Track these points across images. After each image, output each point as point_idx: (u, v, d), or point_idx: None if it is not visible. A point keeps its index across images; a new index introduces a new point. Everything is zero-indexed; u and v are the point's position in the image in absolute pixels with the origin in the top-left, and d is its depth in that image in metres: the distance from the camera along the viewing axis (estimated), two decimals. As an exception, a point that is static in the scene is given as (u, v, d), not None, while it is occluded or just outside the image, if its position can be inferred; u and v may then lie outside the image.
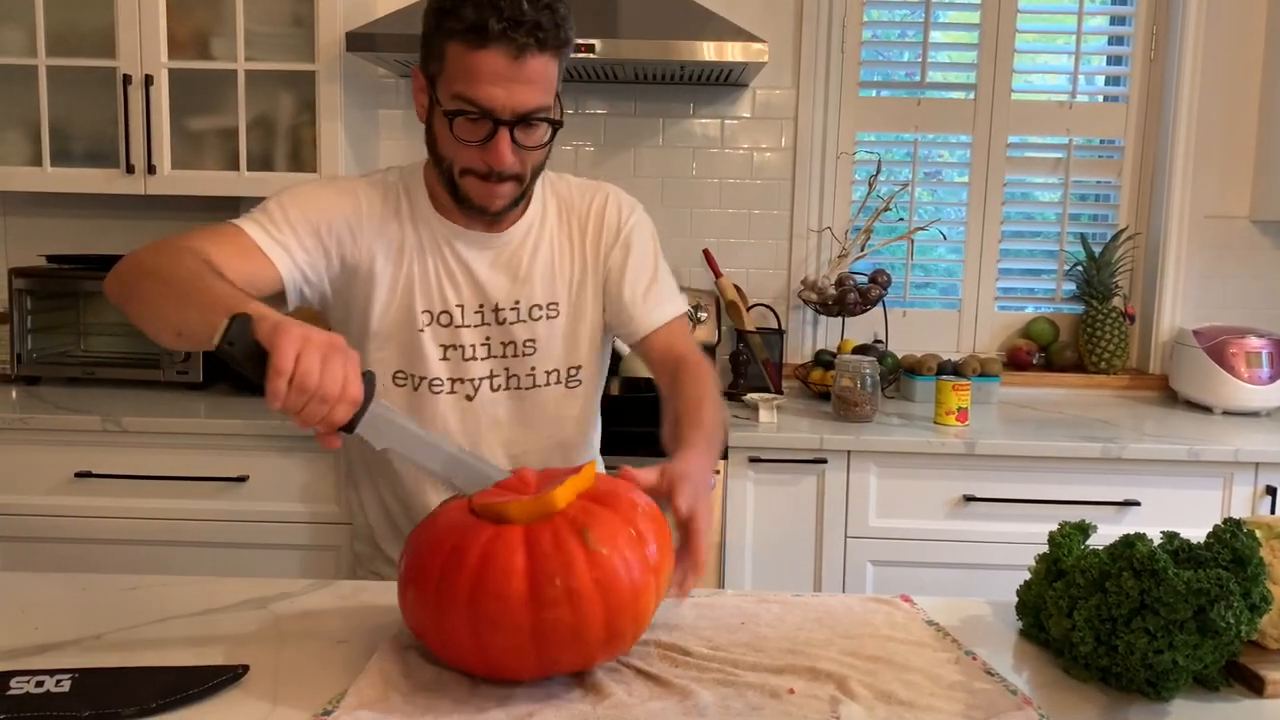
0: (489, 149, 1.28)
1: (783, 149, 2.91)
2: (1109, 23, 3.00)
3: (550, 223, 1.47)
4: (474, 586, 0.94)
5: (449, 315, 1.42)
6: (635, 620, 0.98)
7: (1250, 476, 2.30)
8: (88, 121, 2.60)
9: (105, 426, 2.28)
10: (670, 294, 1.51)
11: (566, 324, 1.47)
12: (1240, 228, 2.91)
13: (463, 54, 1.25)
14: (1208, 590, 0.97)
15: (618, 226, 1.49)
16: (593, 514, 0.98)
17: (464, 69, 1.25)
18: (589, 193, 1.51)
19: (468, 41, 1.24)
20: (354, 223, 1.38)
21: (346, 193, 1.40)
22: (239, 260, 1.25)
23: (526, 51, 1.24)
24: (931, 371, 2.69)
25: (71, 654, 1.06)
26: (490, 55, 1.23)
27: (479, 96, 1.25)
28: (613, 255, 1.48)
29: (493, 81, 1.24)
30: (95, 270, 2.64)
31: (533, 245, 1.45)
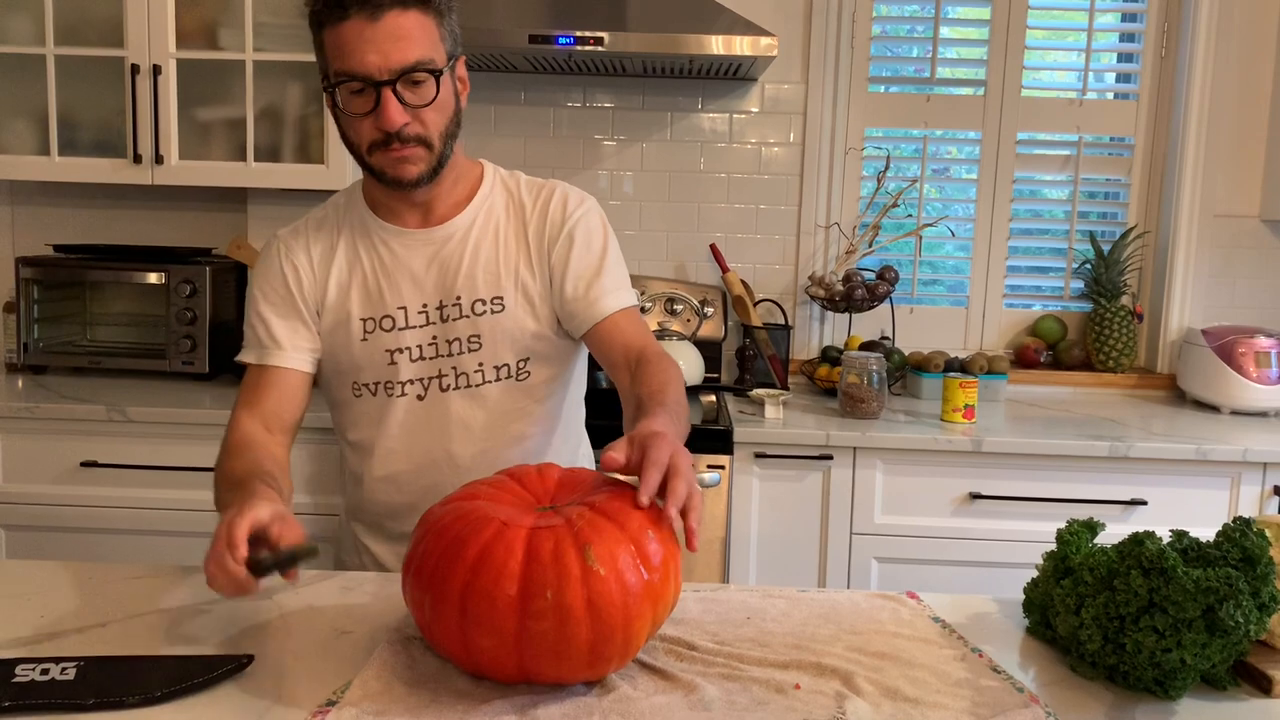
0: (378, 114, 1.29)
1: (791, 144, 2.90)
2: (1120, 20, 2.99)
3: (496, 216, 1.47)
4: (467, 582, 0.93)
5: (390, 319, 1.43)
6: (623, 645, 0.95)
7: (1258, 476, 2.29)
8: (95, 111, 2.60)
9: (111, 416, 2.28)
10: (616, 285, 1.47)
11: (512, 317, 1.44)
12: (1250, 227, 2.90)
13: (332, 33, 1.28)
14: (1217, 589, 0.96)
15: (562, 220, 1.46)
16: (599, 530, 0.95)
17: (335, 46, 1.28)
18: (537, 188, 1.50)
19: (331, 20, 1.28)
20: (299, 275, 1.44)
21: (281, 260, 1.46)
22: (270, 394, 1.43)
23: (382, 10, 1.26)
24: (938, 369, 2.68)
25: (76, 642, 1.06)
26: (351, 24, 1.26)
27: (350, 66, 1.27)
28: (556, 248, 1.46)
29: (359, 46, 1.26)
30: (102, 260, 2.64)
31: (475, 239, 1.44)
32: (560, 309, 1.46)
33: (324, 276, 1.45)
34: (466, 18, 2.44)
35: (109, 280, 2.67)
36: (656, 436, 1.06)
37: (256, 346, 1.44)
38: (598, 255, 1.47)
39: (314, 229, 1.47)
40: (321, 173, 2.56)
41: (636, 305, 1.49)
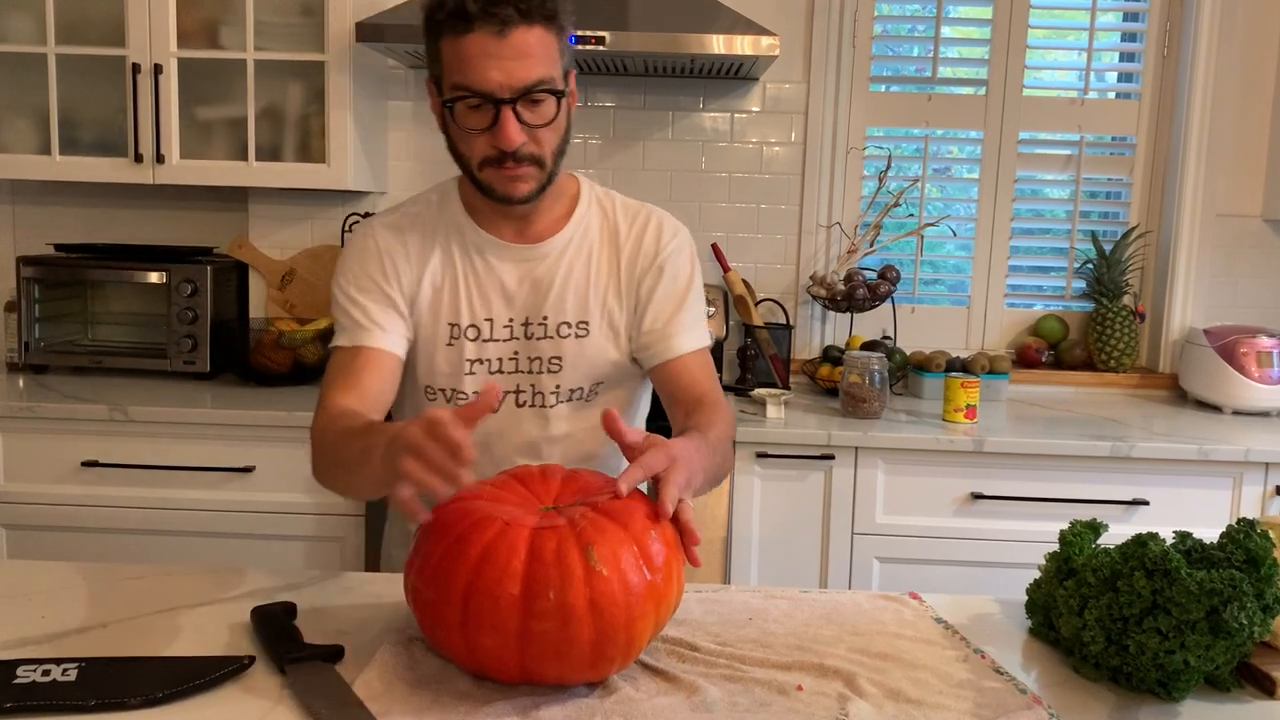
0: (496, 132, 1.26)
1: (792, 143, 2.90)
2: (1122, 19, 2.98)
3: (591, 239, 1.44)
4: (470, 582, 0.93)
5: (476, 329, 1.40)
6: (626, 646, 0.95)
7: (1260, 477, 2.28)
8: (96, 110, 2.60)
9: (112, 416, 2.28)
10: (693, 325, 1.46)
11: (595, 344, 1.43)
12: (1252, 226, 2.89)
13: (452, 45, 1.25)
14: (1221, 591, 0.96)
15: (655, 251, 1.45)
16: (602, 530, 0.96)
17: (456, 58, 1.25)
18: (633, 213, 1.47)
19: (454, 31, 1.24)
20: (397, 268, 1.40)
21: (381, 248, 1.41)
22: (368, 379, 1.35)
23: (510, 25, 1.23)
24: (940, 368, 2.68)
25: (77, 643, 1.06)
26: (475, 37, 1.23)
27: (472, 80, 1.24)
28: (646, 280, 1.44)
29: (482, 62, 1.23)
30: (103, 259, 2.64)
31: (569, 261, 1.42)
32: (635, 339, 1.45)
33: (419, 273, 1.41)
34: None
35: (110, 279, 2.67)
36: (665, 446, 1.08)
37: (351, 329, 1.38)
38: (682, 290, 1.45)
39: (409, 224, 1.43)
40: (323, 172, 2.56)
41: (709, 345, 1.48)
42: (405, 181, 2.89)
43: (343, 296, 1.40)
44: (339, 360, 1.38)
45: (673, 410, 1.43)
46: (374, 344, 1.37)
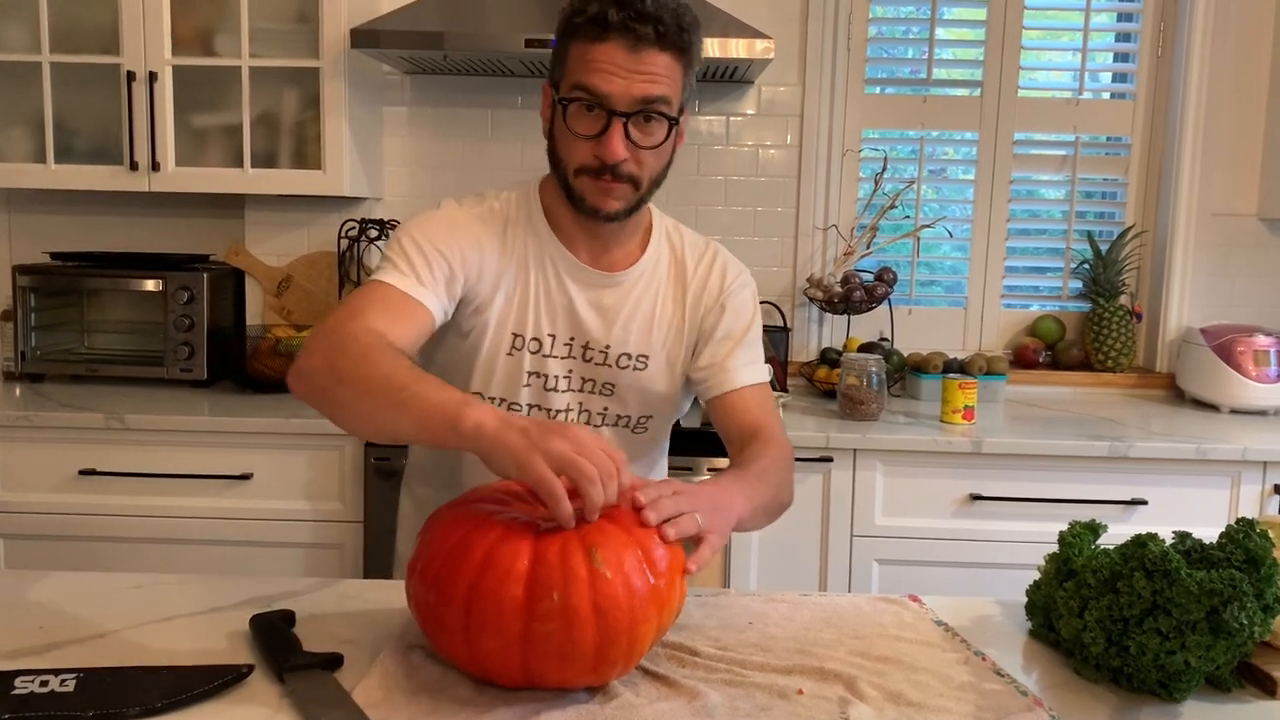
0: (602, 142, 1.26)
1: (788, 146, 2.90)
2: (1116, 19, 2.99)
3: (660, 274, 1.44)
4: (473, 584, 0.93)
5: (539, 342, 1.38)
6: (629, 648, 0.95)
7: (1258, 475, 2.28)
8: (91, 118, 2.59)
9: (109, 424, 2.28)
10: (752, 360, 1.46)
11: (651, 379, 1.43)
12: (1248, 225, 2.90)
13: (583, 49, 1.25)
14: (1221, 591, 0.96)
15: (720, 290, 1.45)
16: (605, 534, 0.96)
17: (583, 61, 1.25)
18: (699, 252, 1.48)
19: (588, 34, 1.24)
20: (480, 260, 1.35)
21: (470, 229, 1.36)
22: (404, 324, 1.25)
23: (645, 43, 1.23)
24: (937, 370, 2.68)
25: (76, 653, 1.06)
26: (608, 46, 1.24)
27: (594, 83, 1.24)
28: (708, 318, 1.45)
29: (609, 70, 1.24)
30: (99, 267, 2.64)
31: (639, 294, 1.42)
32: (693, 372, 1.45)
33: (497, 274, 1.36)
34: (462, 21, 2.45)
35: (106, 288, 2.67)
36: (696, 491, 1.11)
37: (409, 275, 1.28)
38: (743, 327, 1.46)
39: (495, 221, 1.39)
40: (319, 178, 2.55)
41: (767, 380, 1.48)
42: (401, 187, 2.89)
43: (413, 242, 1.31)
44: (383, 294, 1.27)
45: (729, 443, 1.42)
46: (427, 303, 1.28)
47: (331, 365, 1.14)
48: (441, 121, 2.89)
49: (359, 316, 1.21)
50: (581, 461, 0.97)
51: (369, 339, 1.16)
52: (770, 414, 1.44)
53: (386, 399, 1.08)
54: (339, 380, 1.13)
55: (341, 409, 1.14)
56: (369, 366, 1.12)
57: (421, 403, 1.06)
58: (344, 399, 1.12)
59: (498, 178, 2.87)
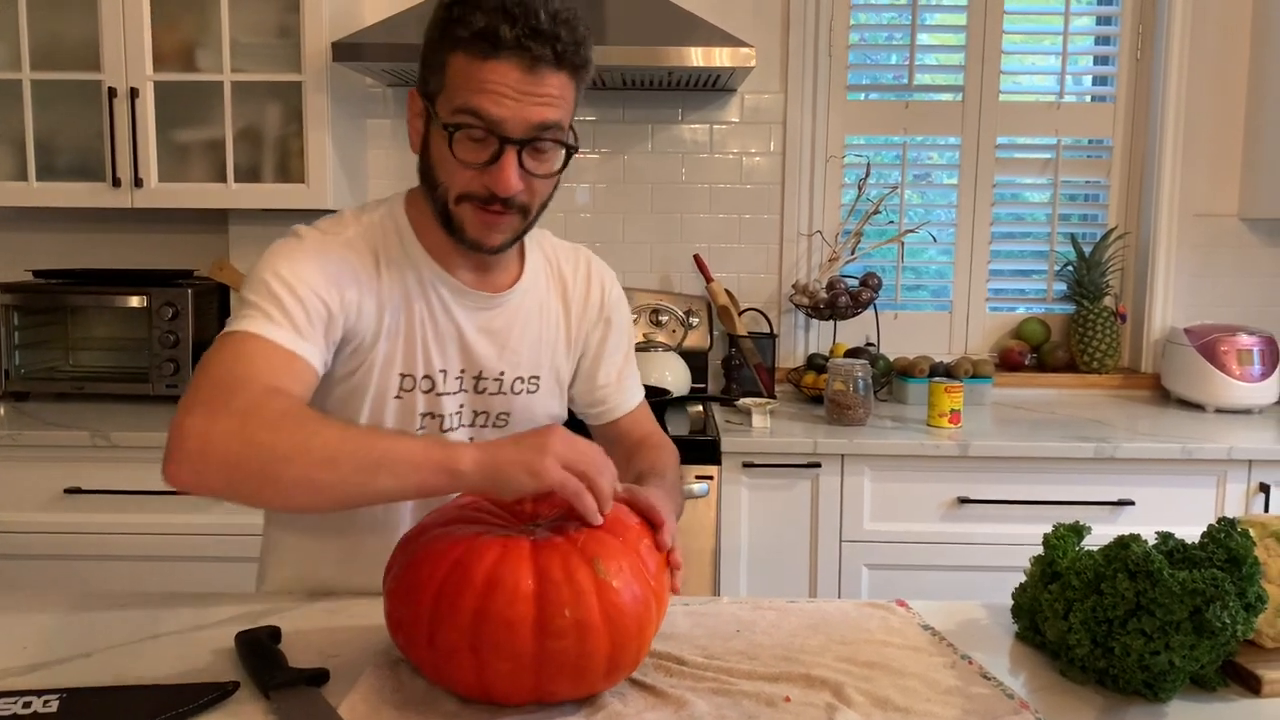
0: (492, 171, 1.14)
1: (772, 153, 2.91)
2: (1095, 23, 3.01)
3: (541, 288, 1.36)
4: (478, 608, 0.91)
5: (430, 380, 1.27)
6: (637, 652, 0.97)
7: (1243, 474, 2.29)
8: (73, 135, 2.59)
9: (94, 442, 2.27)
10: (638, 379, 1.48)
11: (542, 399, 1.36)
12: (1229, 225, 2.92)
13: (469, 64, 1.12)
14: (1203, 590, 0.96)
15: (601, 302, 1.41)
16: (601, 542, 0.97)
17: (469, 80, 1.12)
18: (573, 260, 1.40)
19: (476, 50, 1.11)
20: (357, 295, 1.21)
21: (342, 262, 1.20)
22: (291, 384, 1.10)
23: (542, 64, 1.12)
24: (924, 374, 2.69)
25: (60, 673, 1.05)
26: (501, 66, 1.11)
27: (485, 108, 1.11)
28: (593, 333, 1.41)
29: (502, 93, 1.11)
30: (83, 284, 2.63)
31: (526, 312, 1.33)
32: (587, 394, 1.42)
33: (365, 304, 1.22)
34: (444, 34, 2.45)
35: (90, 305, 2.65)
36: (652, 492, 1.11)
37: (291, 330, 1.12)
38: (627, 343, 1.44)
39: (357, 245, 1.23)
40: (302, 192, 2.55)
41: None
42: (386, 199, 2.88)
43: (281, 282, 1.14)
44: (259, 350, 1.10)
45: (613, 451, 1.38)
46: (309, 357, 1.14)
47: (254, 442, 0.98)
48: (425, 133, 2.89)
49: (245, 380, 1.05)
50: (585, 459, 0.99)
51: (281, 402, 1.03)
52: (652, 419, 1.47)
53: (354, 464, 0.98)
54: (277, 457, 0.98)
55: (289, 487, 0.99)
56: (308, 434, 1.00)
57: (402, 458, 0.99)
58: (292, 476, 0.98)
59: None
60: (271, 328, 1.11)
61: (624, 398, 1.44)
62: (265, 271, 1.15)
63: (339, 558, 1.33)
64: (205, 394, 1.03)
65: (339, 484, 0.99)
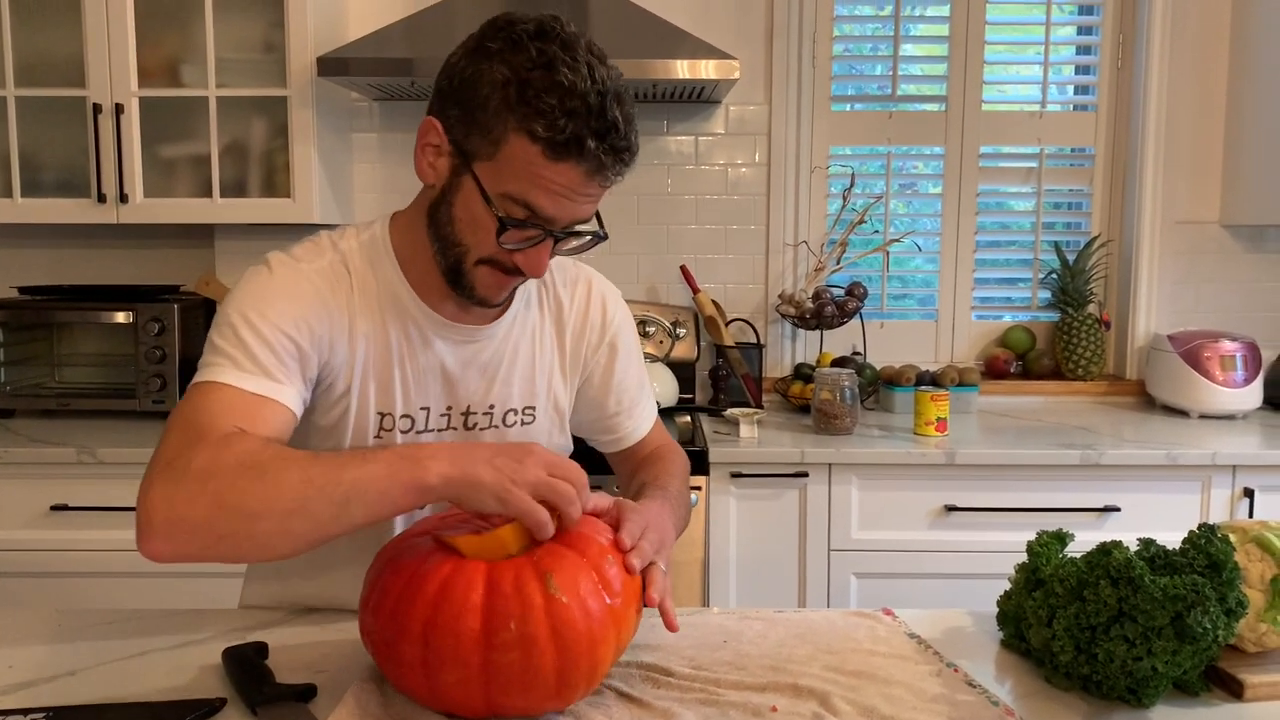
0: (527, 253, 1.13)
1: (757, 164, 2.92)
2: (1076, 32, 3.03)
3: (533, 313, 1.31)
4: (428, 619, 0.92)
5: (410, 419, 1.22)
6: (589, 671, 0.95)
7: (1228, 479, 2.31)
8: (58, 151, 2.58)
9: (81, 458, 2.26)
10: (651, 398, 1.43)
11: (540, 429, 1.31)
12: (1211, 232, 2.94)
13: (536, 158, 1.06)
14: (1184, 596, 0.97)
15: (603, 324, 1.35)
16: (559, 557, 0.96)
17: (533, 175, 1.07)
18: (571, 281, 1.35)
19: (550, 150, 1.05)
20: (329, 331, 1.17)
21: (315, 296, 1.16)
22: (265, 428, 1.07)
23: (608, 173, 1.09)
24: (910, 382, 2.70)
25: (46, 692, 1.05)
26: (568, 169, 1.07)
27: (543, 206, 1.09)
28: (597, 356, 1.35)
29: (563, 195, 1.08)
30: (69, 300, 2.62)
31: (514, 341, 1.28)
32: (597, 423, 1.38)
33: (339, 340, 1.18)
34: (430, 47, 2.46)
35: (76, 321, 2.65)
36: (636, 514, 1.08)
37: (258, 374, 1.08)
38: (638, 368, 1.39)
39: (331, 275, 1.18)
40: (288, 206, 2.55)
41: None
42: (372, 214, 2.85)
43: (248, 325, 1.10)
44: (232, 402, 1.06)
45: (621, 467, 1.40)
46: (285, 400, 1.10)
47: (219, 504, 0.94)
48: (410, 147, 2.88)
49: (206, 435, 1.01)
50: (557, 483, 0.97)
51: (238, 451, 0.98)
52: (663, 432, 1.43)
53: (324, 504, 0.95)
54: (245, 515, 0.94)
55: (265, 541, 0.96)
56: (270, 483, 0.95)
57: (369, 486, 0.96)
58: (265, 530, 0.95)
59: (469, 202, 2.87)
60: (237, 374, 1.08)
61: (636, 424, 1.40)
62: (233, 312, 1.12)
63: (320, 572, 1.31)
64: (167, 458, 1.00)
65: (313, 529, 0.96)
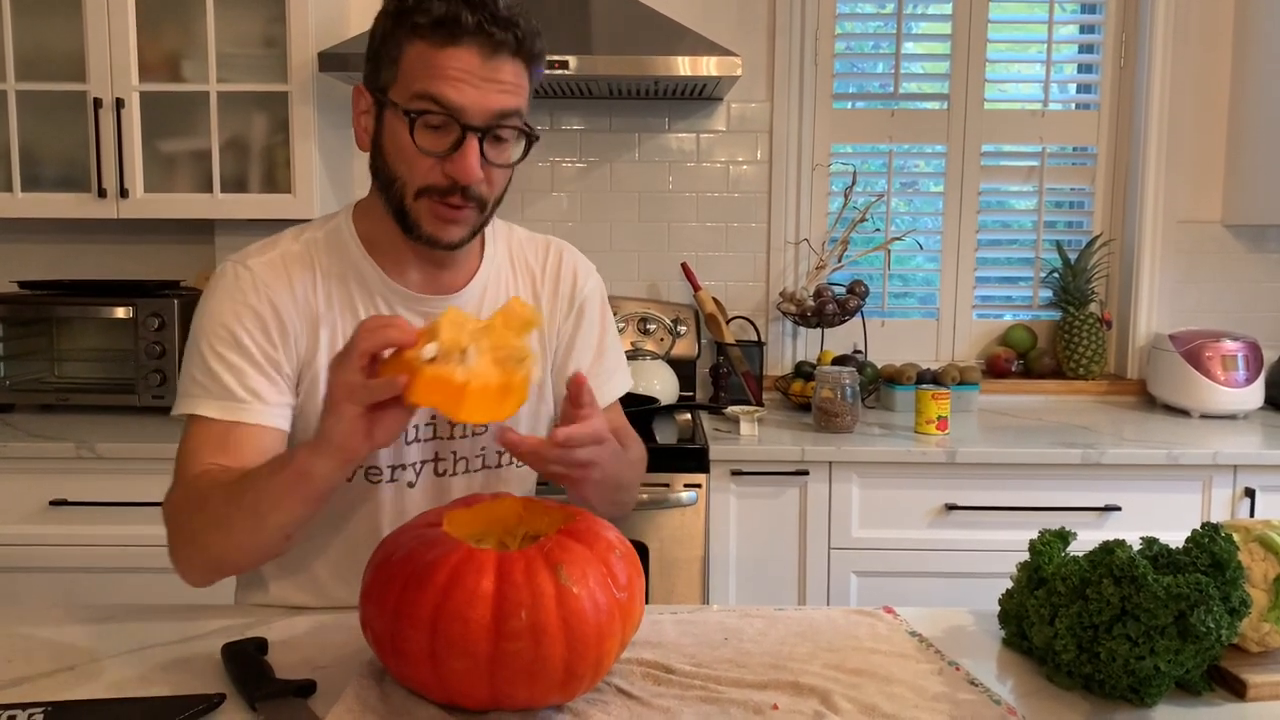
0: (454, 160, 1.13)
1: (758, 162, 2.91)
2: (1079, 31, 3.03)
3: (504, 281, 1.33)
4: (437, 606, 0.92)
5: None
6: (596, 663, 0.95)
7: (1229, 479, 2.31)
8: (58, 146, 2.58)
9: (80, 453, 2.26)
10: (614, 370, 1.41)
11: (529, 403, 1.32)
12: (1213, 232, 2.94)
13: (427, 50, 1.11)
14: (1187, 595, 0.97)
15: (572, 293, 1.37)
16: (568, 549, 0.96)
17: (429, 66, 1.11)
18: (542, 251, 1.37)
19: (435, 37, 1.11)
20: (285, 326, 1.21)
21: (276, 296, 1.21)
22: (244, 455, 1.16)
23: (502, 51, 1.12)
24: (911, 381, 2.70)
25: (45, 687, 1.04)
26: (461, 52, 1.11)
27: (446, 94, 1.11)
28: (565, 326, 1.37)
29: (462, 79, 1.11)
30: (69, 295, 2.62)
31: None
32: (556, 389, 1.37)
33: (313, 332, 1.22)
34: (431, 44, 2.45)
35: (76, 316, 2.64)
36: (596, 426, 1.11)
37: (222, 398, 1.16)
38: (598, 335, 1.39)
39: (294, 266, 1.22)
40: (289, 202, 2.55)
41: (629, 388, 1.44)
42: (373, 209, 2.88)
43: (211, 355, 1.18)
44: (205, 433, 1.17)
45: None
46: (254, 420, 1.17)
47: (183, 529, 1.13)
48: (412, 143, 2.89)
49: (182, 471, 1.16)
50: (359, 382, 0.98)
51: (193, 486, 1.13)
52: (622, 417, 1.42)
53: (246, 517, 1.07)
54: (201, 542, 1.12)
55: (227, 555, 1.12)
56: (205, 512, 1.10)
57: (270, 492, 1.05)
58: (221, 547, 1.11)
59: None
60: (208, 404, 1.18)
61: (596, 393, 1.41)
62: (200, 337, 1.20)
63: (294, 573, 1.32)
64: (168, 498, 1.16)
65: (250, 538, 1.09)
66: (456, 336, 0.98)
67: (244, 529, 1.08)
